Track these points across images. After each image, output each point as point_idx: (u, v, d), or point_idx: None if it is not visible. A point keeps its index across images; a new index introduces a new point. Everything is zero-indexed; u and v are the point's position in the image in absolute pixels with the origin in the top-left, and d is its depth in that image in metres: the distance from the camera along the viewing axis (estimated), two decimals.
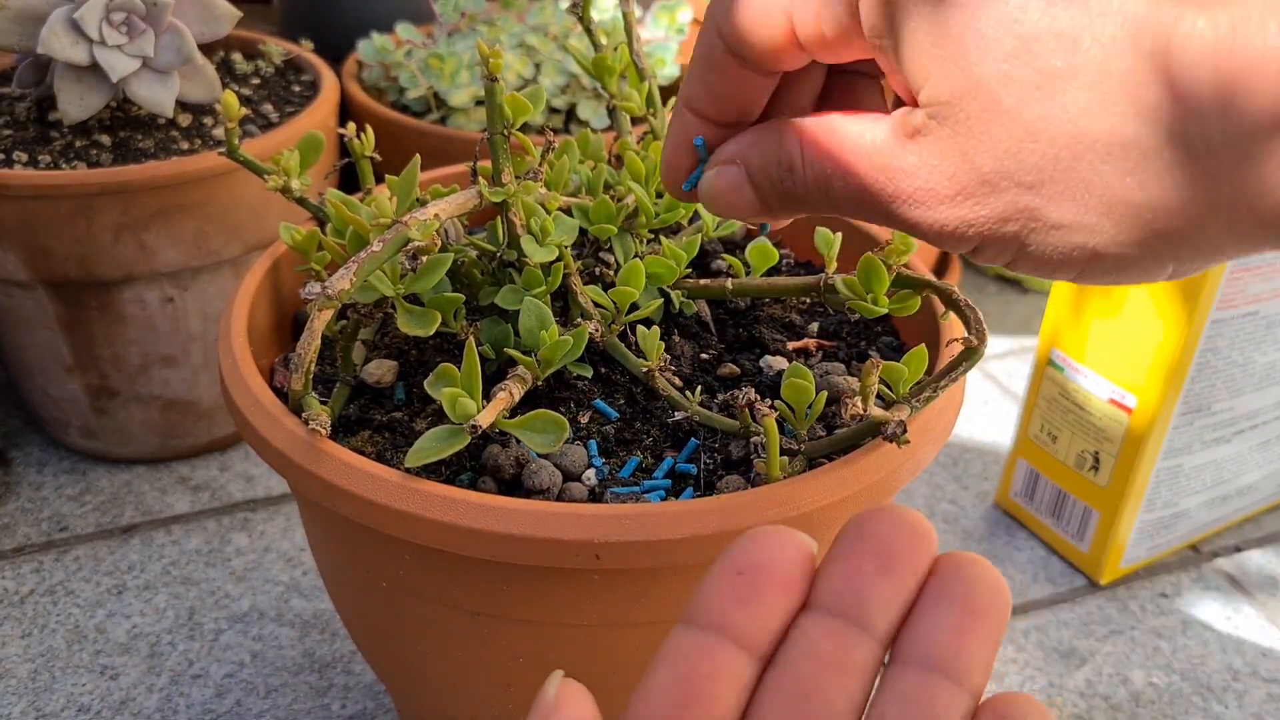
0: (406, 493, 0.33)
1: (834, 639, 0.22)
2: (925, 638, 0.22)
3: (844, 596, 0.22)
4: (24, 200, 0.56)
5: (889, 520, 0.22)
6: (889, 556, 0.22)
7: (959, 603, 0.22)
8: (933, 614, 0.22)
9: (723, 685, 0.22)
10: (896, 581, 0.22)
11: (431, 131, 0.71)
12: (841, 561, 0.22)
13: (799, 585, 0.23)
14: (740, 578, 0.22)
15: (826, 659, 0.22)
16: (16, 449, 0.70)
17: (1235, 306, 0.55)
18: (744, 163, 0.30)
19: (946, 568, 0.22)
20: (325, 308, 0.34)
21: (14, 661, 0.55)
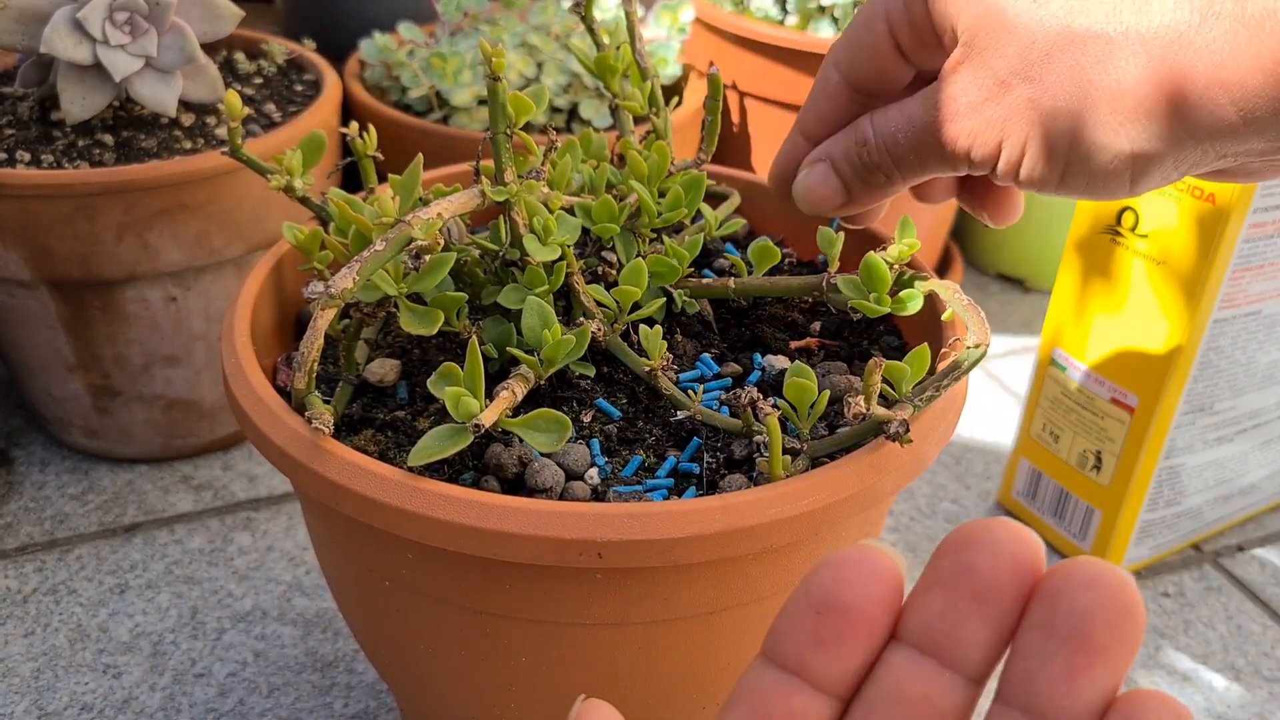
0: (409, 492, 0.33)
1: (925, 682, 0.21)
2: (1029, 680, 0.20)
3: (936, 634, 0.20)
4: (26, 200, 0.56)
5: (989, 550, 0.20)
6: (988, 593, 0.20)
7: (1071, 640, 0.19)
8: (1039, 652, 0.20)
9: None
10: (995, 620, 0.20)
11: (434, 131, 0.71)
12: (936, 593, 0.21)
13: (883, 621, 0.21)
14: (819, 619, 0.21)
15: (916, 703, 0.21)
16: (19, 448, 0.70)
17: (1237, 306, 0.55)
18: (828, 155, 0.38)
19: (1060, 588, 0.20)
20: (328, 307, 0.34)
21: (17, 660, 0.55)
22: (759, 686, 0.22)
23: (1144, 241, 0.55)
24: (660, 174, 0.44)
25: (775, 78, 0.79)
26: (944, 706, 0.21)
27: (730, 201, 0.51)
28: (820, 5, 0.79)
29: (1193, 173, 0.32)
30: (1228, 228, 0.52)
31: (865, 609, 0.21)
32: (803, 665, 0.21)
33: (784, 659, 0.21)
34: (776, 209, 0.53)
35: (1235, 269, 0.54)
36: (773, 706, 0.21)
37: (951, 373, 0.37)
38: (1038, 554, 0.20)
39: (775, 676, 0.22)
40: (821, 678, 0.21)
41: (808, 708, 0.21)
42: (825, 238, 0.42)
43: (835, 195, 0.38)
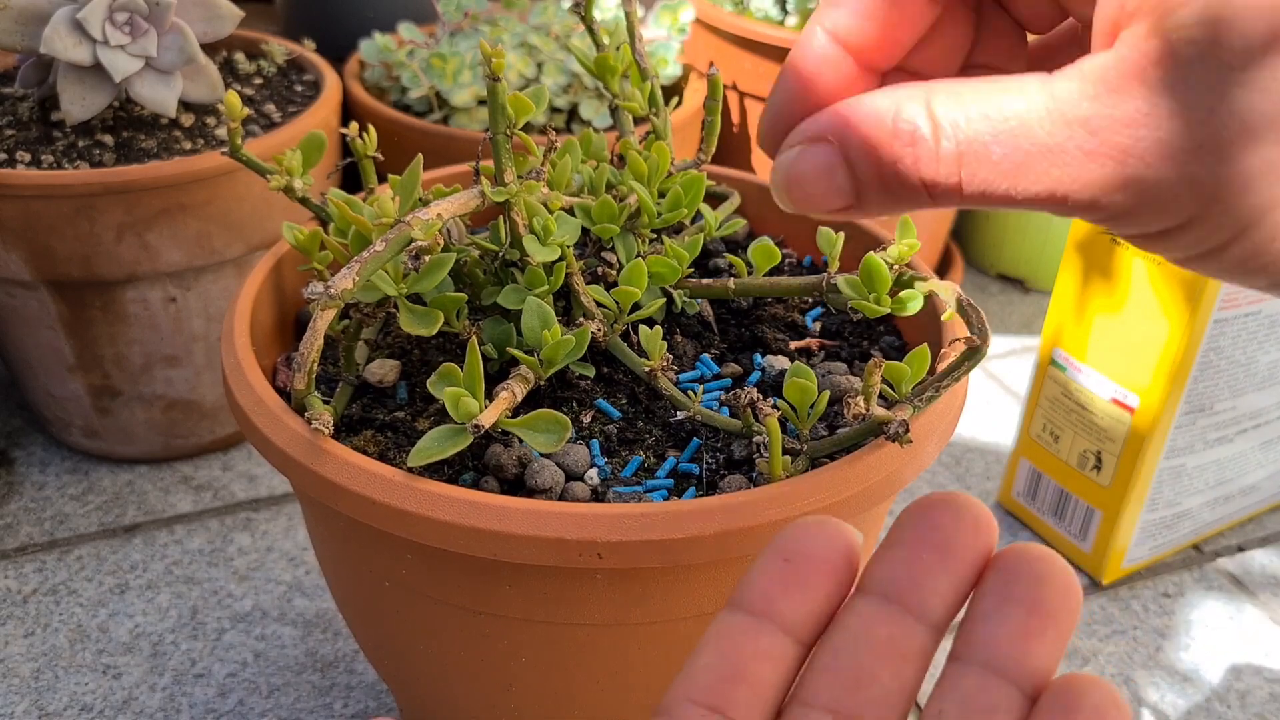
0: (409, 492, 0.33)
1: (889, 625, 0.22)
2: (990, 638, 0.21)
3: (900, 583, 0.22)
4: (27, 200, 0.56)
5: (950, 509, 0.22)
6: (949, 546, 0.22)
7: (1027, 603, 0.21)
8: (999, 613, 0.21)
9: (767, 666, 0.22)
10: (954, 572, 0.22)
11: (434, 131, 0.71)
12: (899, 548, 0.22)
13: (845, 574, 0.23)
14: (787, 565, 0.22)
15: (881, 644, 0.22)
16: (19, 449, 0.70)
17: (1238, 306, 0.55)
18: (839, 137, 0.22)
19: (1015, 563, 0.21)
20: (328, 307, 0.34)
21: (17, 660, 0.55)
22: (728, 629, 0.23)
23: None
24: (660, 174, 0.44)
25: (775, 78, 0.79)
26: (907, 648, 0.22)
27: (730, 202, 0.51)
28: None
29: None
30: None
31: (830, 557, 0.23)
32: (771, 609, 0.22)
33: (752, 604, 0.23)
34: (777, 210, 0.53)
35: None
36: (741, 646, 0.22)
37: (951, 373, 0.37)
38: (992, 519, 0.22)
39: (743, 620, 0.23)
40: (788, 620, 0.22)
41: (773, 647, 0.22)
42: (825, 238, 0.42)
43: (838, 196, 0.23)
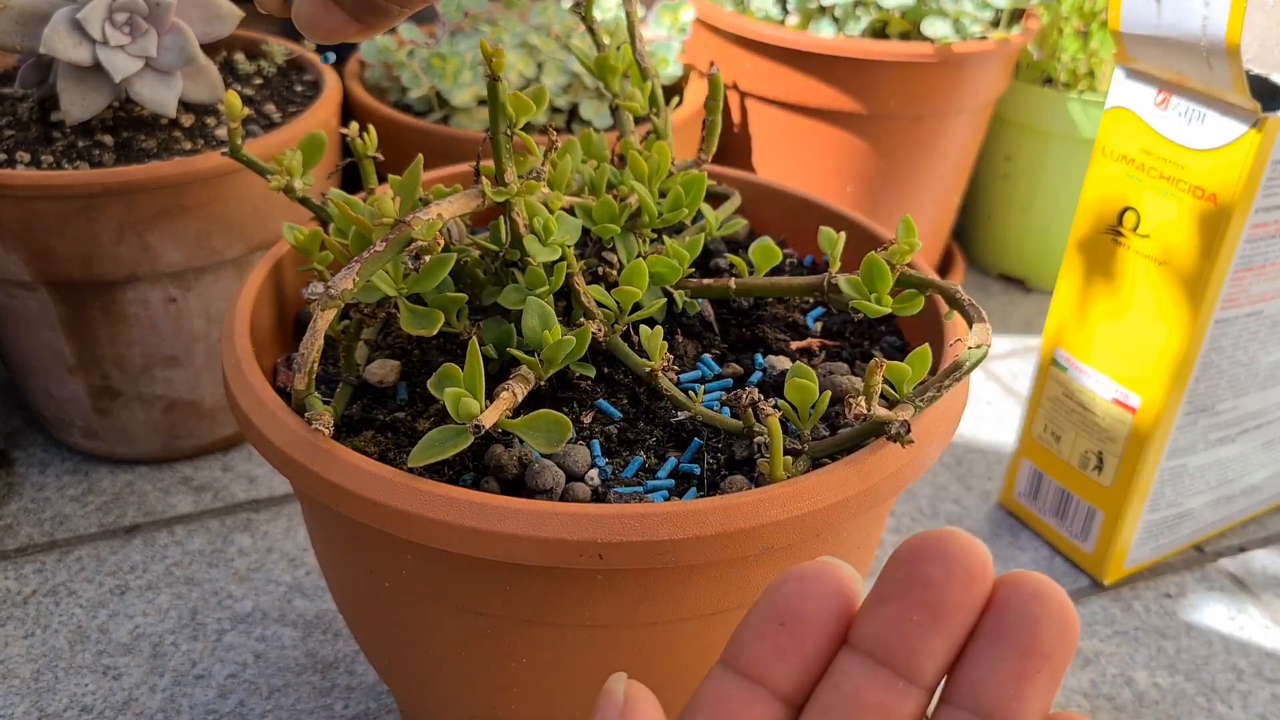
0: (409, 493, 0.33)
1: (880, 691, 0.21)
2: (980, 684, 0.21)
3: (892, 645, 0.21)
4: (27, 200, 0.56)
5: (942, 563, 0.21)
6: (941, 606, 0.21)
7: (1019, 648, 0.21)
8: (990, 658, 0.21)
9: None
10: (948, 631, 0.21)
11: (434, 131, 0.71)
12: (890, 605, 0.21)
13: (839, 631, 0.22)
14: (782, 629, 0.22)
15: (871, 711, 0.21)
16: (19, 449, 0.70)
17: (1239, 306, 0.55)
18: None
19: (1009, 602, 0.21)
20: (328, 308, 0.34)
21: (17, 662, 0.55)
22: (722, 693, 0.23)
23: (1146, 241, 0.55)
24: (661, 174, 0.44)
25: (776, 78, 0.79)
26: (898, 714, 0.21)
27: (731, 202, 0.51)
28: (821, 5, 0.79)
29: None
30: (1229, 228, 0.52)
31: (826, 621, 0.22)
32: (765, 674, 0.22)
33: (747, 667, 0.22)
34: (778, 210, 0.53)
35: (1237, 269, 0.53)
36: (735, 713, 0.22)
37: (953, 373, 0.37)
38: (987, 566, 0.21)
39: (738, 684, 0.22)
40: (782, 687, 0.22)
41: (766, 714, 0.22)
42: (827, 238, 0.42)
43: (345, 25, 0.29)
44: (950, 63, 0.76)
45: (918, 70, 0.76)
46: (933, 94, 0.78)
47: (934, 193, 0.85)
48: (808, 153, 0.82)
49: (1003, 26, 0.80)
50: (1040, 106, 0.86)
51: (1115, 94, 0.56)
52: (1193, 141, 0.52)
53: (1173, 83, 0.53)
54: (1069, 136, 0.86)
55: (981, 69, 0.78)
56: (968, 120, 0.82)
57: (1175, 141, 0.53)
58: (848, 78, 0.77)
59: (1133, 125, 0.55)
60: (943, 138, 0.81)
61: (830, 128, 0.80)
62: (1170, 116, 0.53)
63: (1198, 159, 0.52)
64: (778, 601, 0.22)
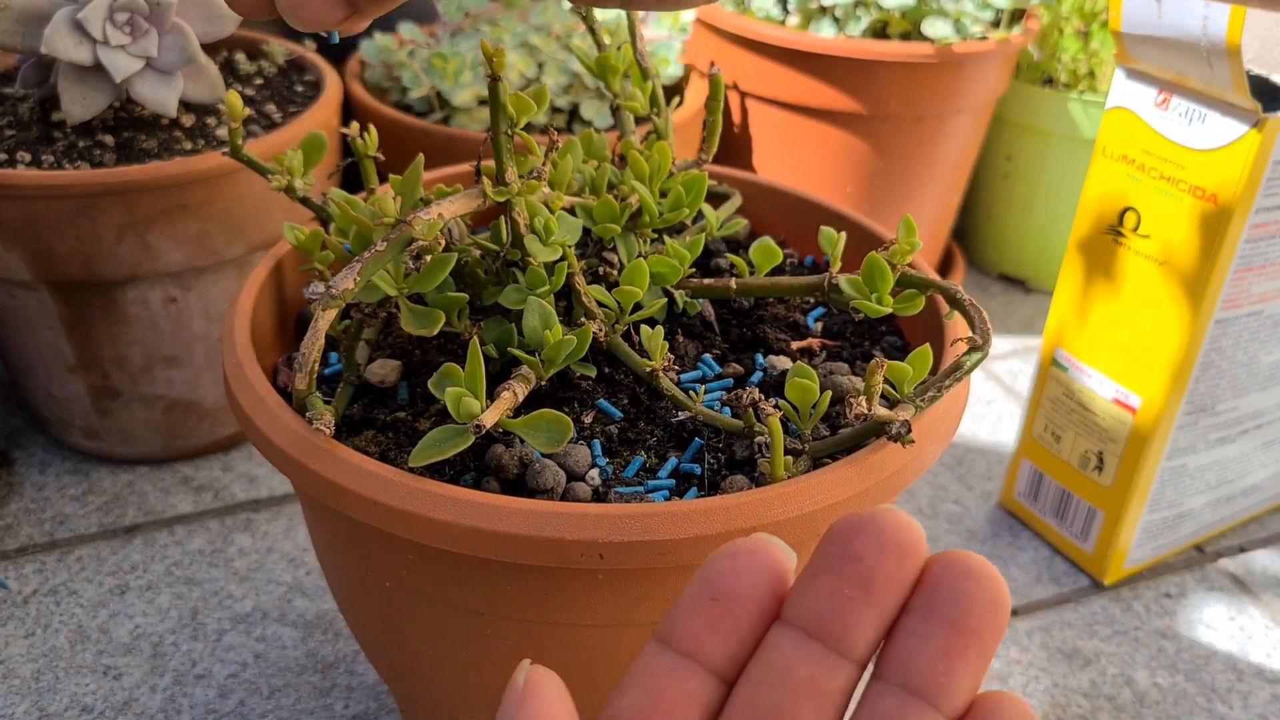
0: (410, 492, 0.33)
1: (811, 664, 0.21)
2: (910, 659, 0.21)
3: (824, 619, 0.21)
4: (27, 200, 0.56)
5: (873, 538, 0.21)
6: (872, 580, 0.21)
7: (949, 623, 0.21)
8: (920, 633, 0.21)
9: (692, 710, 0.22)
10: (879, 605, 0.21)
11: (435, 131, 0.71)
12: (823, 579, 0.22)
13: (771, 607, 0.22)
14: (715, 604, 0.22)
15: (802, 685, 0.21)
16: (19, 449, 0.70)
17: (1239, 306, 0.55)
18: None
19: (941, 579, 0.21)
20: (329, 307, 0.34)
21: (17, 661, 0.55)
22: (653, 669, 0.23)
23: (1146, 242, 0.55)
24: (661, 174, 0.44)
25: (777, 78, 0.79)
26: (829, 688, 0.22)
27: (732, 202, 0.51)
28: (821, 5, 0.79)
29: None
30: (1230, 228, 0.52)
31: (759, 597, 0.22)
32: (698, 649, 0.22)
33: (680, 643, 0.22)
34: (778, 210, 0.53)
35: (1237, 269, 0.53)
36: (667, 688, 0.22)
37: (953, 373, 0.37)
38: (920, 543, 0.21)
39: (670, 659, 0.23)
40: (714, 661, 0.22)
41: (699, 690, 0.22)
42: (827, 238, 0.42)
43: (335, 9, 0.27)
44: (951, 63, 0.76)
45: (918, 70, 0.76)
46: (933, 94, 0.78)
47: (934, 193, 0.85)
48: (808, 153, 0.82)
49: (1003, 27, 0.80)
50: (1041, 107, 0.86)
51: (1116, 94, 0.56)
52: (1193, 142, 0.52)
53: (1173, 83, 0.53)
54: (1069, 137, 0.86)
55: (982, 69, 0.78)
56: (968, 120, 0.82)
57: (1176, 142, 0.53)
58: (848, 78, 0.77)
59: (1133, 125, 0.55)
60: (943, 138, 0.81)
61: (831, 128, 0.80)
62: (1171, 117, 0.53)
63: (1198, 159, 0.52)
64: (711, 578, 0.22)
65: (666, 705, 0.22)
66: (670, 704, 0.22)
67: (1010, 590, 0.64)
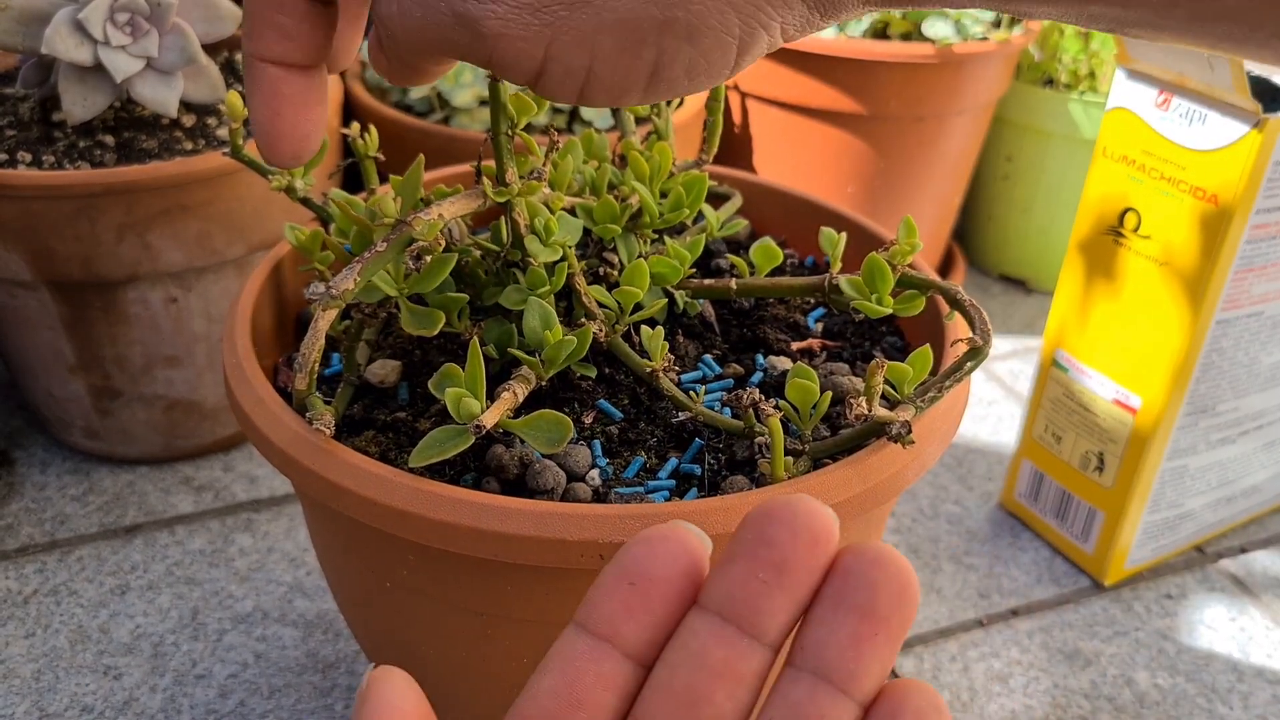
0: (410, 493, 0.33)
1: (725, 647, 0.22)
2: (820, 646, 0.21)
3: (738, 604, 0.22)
4: (28, 200, 0.56)
5: (788, 524, 0.22)
6: (785, 565, 0.22)
7: (858, 610, 0.21)
8: (830, 620, 0.21)
9: (608, 693, 0.23)
10: (792, 590, 0.22)
11: (435, 131, 0.71)
12: (738, 564, 0.22)
13: (688, 592, 0.23)
14: (631, 588, 0.23)
15: (717, 667, 0.22)
16: (20, 449, 0.70)
17: (1240, 307, 0.55)
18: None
19: (850, 567, 0.22)
20: (329, 307, 0.34)
21: (17, 661, 0.55)
22: (570, 652, 0.23)
23: (1146, 242, 0.55)
24: (662, 175, 0.44)
25: (777, 78, 0.79)
26: (742, 670, 0.22)
27: (732, 202, 0.51)
28: None
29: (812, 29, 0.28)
30: (1230, 229, 0.52)
31: (675, 580, 0.23)
32: (614, 633, 0.23)
33: (596, 626, 0.23)
34: (779, 210, 0.53)
35: (1238, 270, 0.53)
36: (584, 672, 0.23)
37: (953, 374, 0.37)
38: (832, 530, 0.22)
39: (587, 643, 0.23)
40: (630, 645, 0.23)
41: (615, 673, 0.23)
42: (828, 239, 0.42)
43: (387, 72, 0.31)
44: (951, 63, 0.76)
45: (919, 71, 0.76)
46: (934, 95, 0.78)
47: (935, 193, 0.85)
48: (809, 153, 0.82)
49: (1004, 27, 0.80)
50: (1041, 107, 0.86)
51: (1116, 95, 0.56)
52: (1193, 142, 0.52)
53: (1173, 83, 0.53)
54: (1070, 137, 0.86)
55: (982, 70, 0.78)
56: (969, 121, 0.82)
57: (1176, 142, 0.53)
58: (849, 78, 0.77)
59: (1134, 126, 0.55)
60: (944, 138, 0.81)
61: (831, 128, 0.80)
62: (1171, 117, 0.53)
63: (1199, 160, 0.52)
64: (627, 563, 0.23)
65: (583, 688, 0.23)
66: (586, 686, 0.22)
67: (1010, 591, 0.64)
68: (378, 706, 0.22)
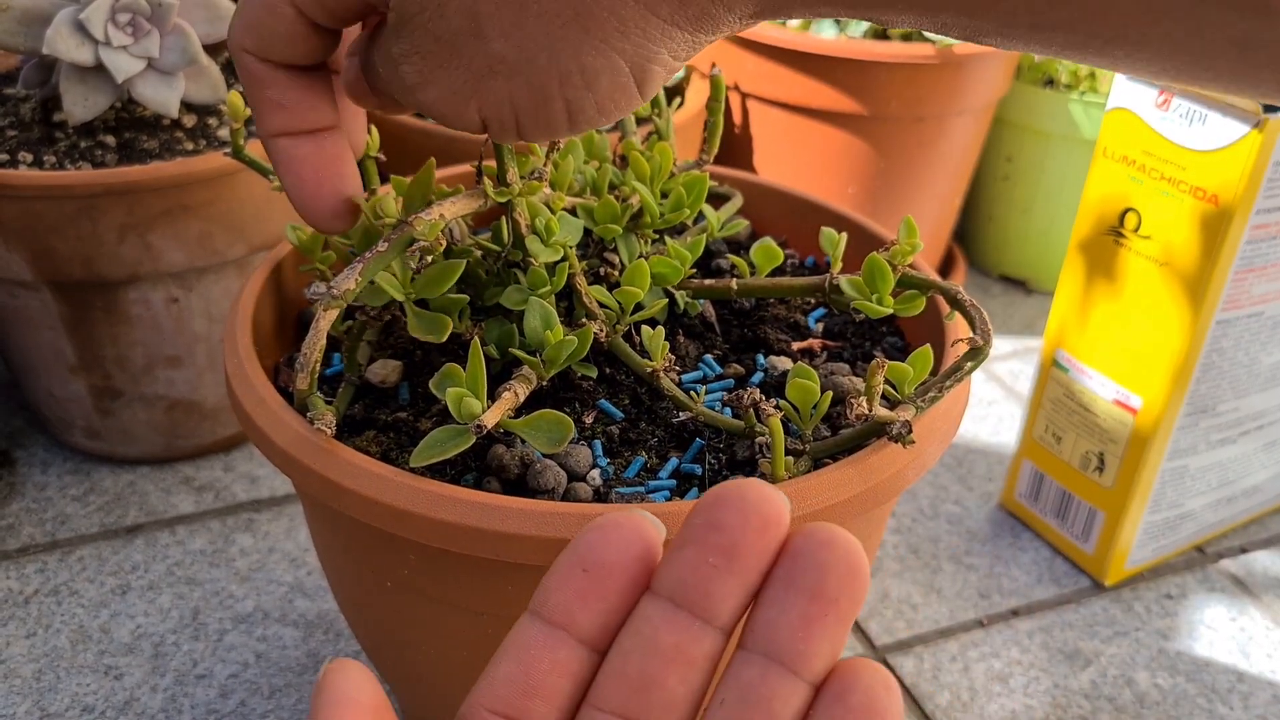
0: (411, 492, 0.33)
1: (677, 632, 0.22)
2: (770, 628, 0.22)
3: (689, 588, 0.22)
4: (29, 200, 0.56)
5: (737, 509, 0.22)
6: (735, 549, 0.22)
7: (807, 591, 0.21)
8: (780, 602, 0.22)
9: (563, 679, 0.23)
10: (742, 574, 0.22)
11: (436, 132, 0.71)
12: (689, 549, 0.22)
13: (641, 579, 0.23)
14: (585, 575, 0.23)
15: (668, 651, 0.22)
16: (21, 449, 0.70)
17: (1240, 307, 0.55)
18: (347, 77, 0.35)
19: (799, 549, 0.22)
20: (330, 308, 0.34)
21: (18, 661, 0.55)
22: (526, 640, 0.23)
23: (1147, 243, 0.55)
24: (662, 175, 0.44)
25: (777, 79, 0.79)
26: (694, 654, 0.22)
27: (733, 202, 0.51)
28: None
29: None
30: (1230, 229, 0.52)
31: (628, 566, 0.23)
32: (569, 620, 0.23)
33: (551, 613, 0.23)
34: (779, 210, 0.53)
35: (1238, 270, 0.53)
36: (539, 659, 0.23)
37: (954, 374, 0.37)
38: (783, 514, 0.22)
39: (541, 630, 0.23)
40: (585, 631, 0.23)
41: (570, 660, 0.23)
42: (828, 239, 0.42)
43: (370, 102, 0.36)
44: (952, 64, 0.76)
45: (919, 71, 0.76)
46: (934, 95, 0.78)
47: (935, 194, 0.85)
48: (809, 154, 0.82)
49: None
50: (1041, 108, 0.86)
51: (1116, 95, 0.56)
52: (1194, 143, 0.52)
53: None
54: (1070, 138, 0.86)
55: (983, 70, 0.78)
56: (969, 121, 0.82)
57: (1176, 143, 0.53)
58: (849, 79, 0.77)
59: (1134, 126, 0.55)
60: (944, 139, 0.81)
61: (832, 129, 0.80)
62: (1171, 118, 0.53)
63: (1199, 160, 0.52)
64: (581, 549, 0.23)
65: (538, 675, 0.23)
66: (542, 674, 0.23)
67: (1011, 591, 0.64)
68: (333, 698, 0.22)
